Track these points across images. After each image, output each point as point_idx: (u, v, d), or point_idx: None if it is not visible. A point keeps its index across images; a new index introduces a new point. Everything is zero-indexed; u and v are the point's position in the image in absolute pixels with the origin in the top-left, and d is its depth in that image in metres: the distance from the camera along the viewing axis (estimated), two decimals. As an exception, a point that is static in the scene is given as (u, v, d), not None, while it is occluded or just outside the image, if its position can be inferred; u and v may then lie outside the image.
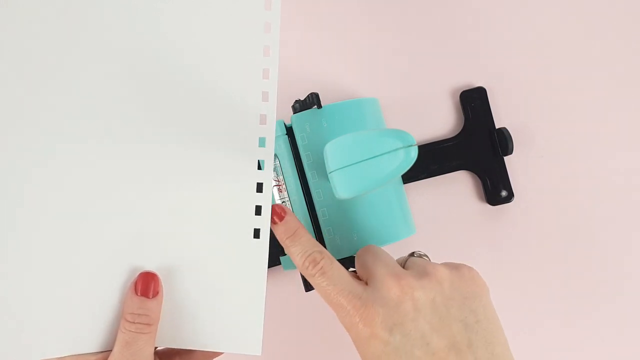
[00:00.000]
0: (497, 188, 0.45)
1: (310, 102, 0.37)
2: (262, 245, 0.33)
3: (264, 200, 0.33)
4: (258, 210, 0.33)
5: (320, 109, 0.37)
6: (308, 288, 0.38)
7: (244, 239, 0.33)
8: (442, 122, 0.47)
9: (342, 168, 0.32)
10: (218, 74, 0.33)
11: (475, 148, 0.45)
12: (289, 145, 0.38)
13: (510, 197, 0.45)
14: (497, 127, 0.46)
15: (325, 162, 0.33)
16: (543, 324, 0.46)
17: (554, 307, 0.46)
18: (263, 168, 0.33)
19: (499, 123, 0.46)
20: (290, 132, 0.38)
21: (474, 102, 0.45)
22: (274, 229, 0.33)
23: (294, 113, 0.38)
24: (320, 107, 0.37)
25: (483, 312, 0.30)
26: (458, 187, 0.47)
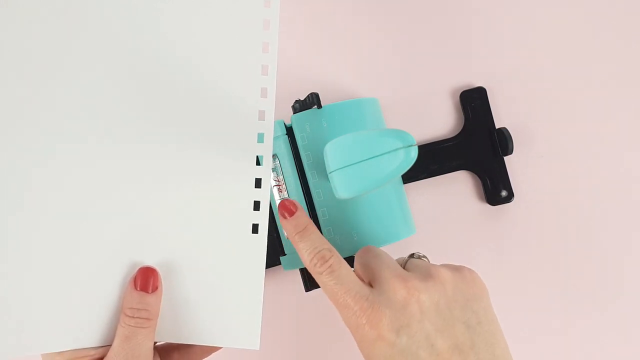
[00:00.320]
0: (497, 188, 0.45)
1: (310, 102, 0.37)
2: (260, 241, 0.33)
3: (263, 196, 0.33)
4: (256, 206, 0.33)
5: (320, 109, 0.37)
6: (308, 288, 0.38)
7: (243, 234, 0.33)
8: (442, 122, 0.47)
9: (342, 168, 0.32)
10: (217, 71, 0.33)
11: (475, 148, 0.45)
12: (289, 145, 0.38)
13: (510, 197, 0.45)
14: (497, 127, 0.46)
15: (325, 162, 0.33)
16: (543, 324, 0.46)
17: (554, 306, 0.46)
18: (262, 164, 0.33)
19: (499, 123, 0.46)
20: (290, 132, 0.38)
21: (474, 102, 0.45)
22: (284, 224, 0.33)
23: (294, 113, 0.38)
24: (320, 107, 0.37)
25: (484, 313, 0.30)
26: (458, 187, 0.47)
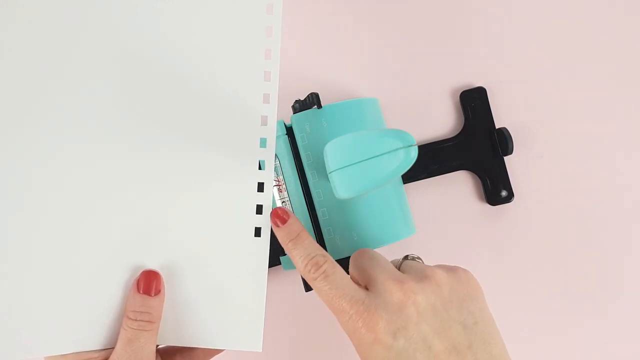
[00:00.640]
0: (497, 188, 0.45)
1: (310, 102, 0.37)
2: (263, 244, 0.34)
3: (265, 200, 0.34)
4: (259, 209, 0.34)
5: (320, 109, 0.37)
6: (308, 288, 0.38)
7: (245, 237, 0.33)
8: (442, 122, 0.47)
9: (342, 168, 0.32)
10: (220, 77, 0.33)
11: (475, 148, 0.45)
12: (289, 145, 0.38)
13: (510, 197, 0.46)
14: (497, 127, 0.46)
15: (325, 162, 0.33)
16: (543, 324, 0.46)
17: (554, 306, 0.46)
18: (264, 168, 0.34)
19: (499, 123, 0.46)
20: (290, 132, 0.38)
21: (474, 102, 0.45)
22: (276, 232, 0.33)
23: (294, 113, 0.38)
24: (320, 107, 0.37)
25: (480, 313, 0.30)
26: (458, 187, 0.47)
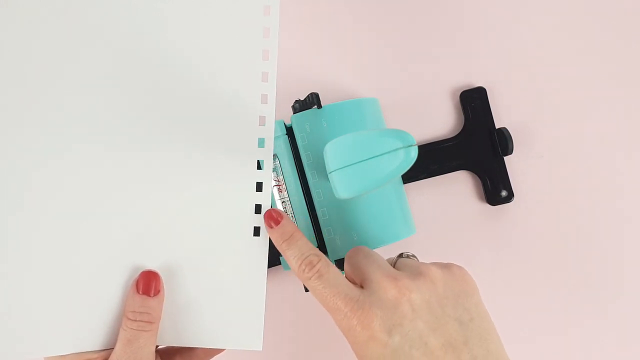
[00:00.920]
0: (497, 188, 0.45)
1: (310, 102, 0.37)
2: (262, 243, 0.34)
3: (264, 199, 0.34)
4: (258, 209, 0.34)
5: (320, 109, 0.37)
6: (307, 288, 0.38)
7: (245, 237, 0.34)
8: (442, 122, 0.47)
9: (342, 168, 0.32)
10: (219, 77, 0.34)
11: (475, 148, 0.45)
12: (289, 145, 0.38)
13: (510, 197, 0.46)
14: (497, 127, 0.46)
15: (325, 162, 0.33)
16: (543, 324, 0.46)
17: (554, 306, 0.46)
18: (262, 168, 0.34)
19: (499, 123, 0.46)
20: (290, 132, 0.38)
21: (474, 102, 0.45)
22: (270, 234, 0.33)
23: (294, 113, 0.38)
24: (320, 107, 0.37)
25: (475, 310, 0.30)
26: (458, 187, 0.47)
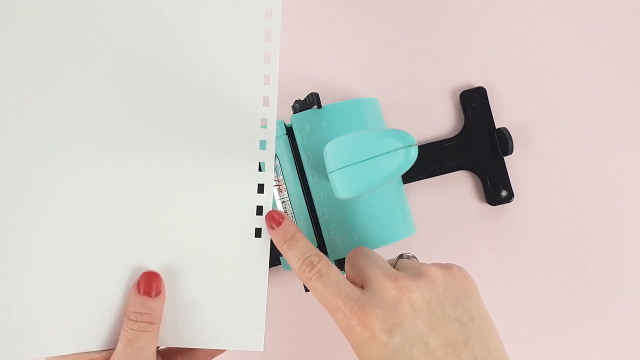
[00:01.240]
0: (497, 188, 0.45)
1: (310, 102, 0.37)
2: (263, 244, 0.34)
3: (265, 201, 0.34)
4: (259, 210, 0.34)
5: (320, 109, 0.37)
6: (308, 288, 0.38)
7: (246, 238, 0.34)
8: (442, 122, 0.47)
9: (342, 168, 0.32)
10: (221, 79, 0.34)
11: (475, 148, 0.45)
12: (289, 145, 0.38)
13: (510, 197, 0.46)
14: (497, 127, 0.46)
15: (325, 162, 0.33)
16: (543, 324, 0.46)
17: (554, 306, 0.46)
18: (264, 170, 0.34)
19: (499, 123, 0.46)
20: (290, 132, 0.38)
21: (474, 102, 0.45)
22: (272, 235, 0.33)
23: (294, 113, 0.38)
24: (320, 107, 0.37)
25: (476, 310, 0.30)
26: (458, 187, 0.47)
